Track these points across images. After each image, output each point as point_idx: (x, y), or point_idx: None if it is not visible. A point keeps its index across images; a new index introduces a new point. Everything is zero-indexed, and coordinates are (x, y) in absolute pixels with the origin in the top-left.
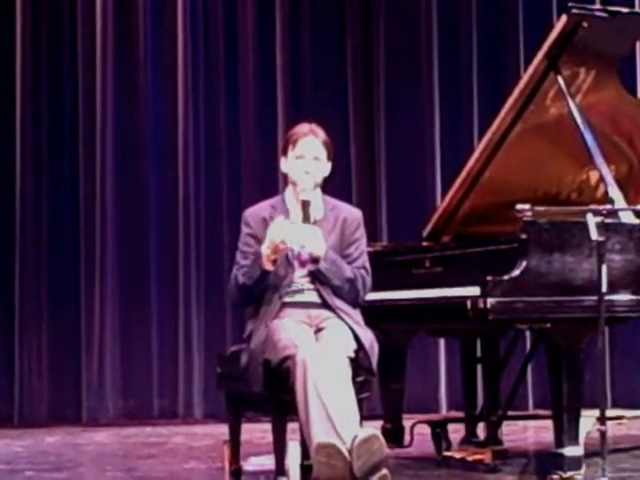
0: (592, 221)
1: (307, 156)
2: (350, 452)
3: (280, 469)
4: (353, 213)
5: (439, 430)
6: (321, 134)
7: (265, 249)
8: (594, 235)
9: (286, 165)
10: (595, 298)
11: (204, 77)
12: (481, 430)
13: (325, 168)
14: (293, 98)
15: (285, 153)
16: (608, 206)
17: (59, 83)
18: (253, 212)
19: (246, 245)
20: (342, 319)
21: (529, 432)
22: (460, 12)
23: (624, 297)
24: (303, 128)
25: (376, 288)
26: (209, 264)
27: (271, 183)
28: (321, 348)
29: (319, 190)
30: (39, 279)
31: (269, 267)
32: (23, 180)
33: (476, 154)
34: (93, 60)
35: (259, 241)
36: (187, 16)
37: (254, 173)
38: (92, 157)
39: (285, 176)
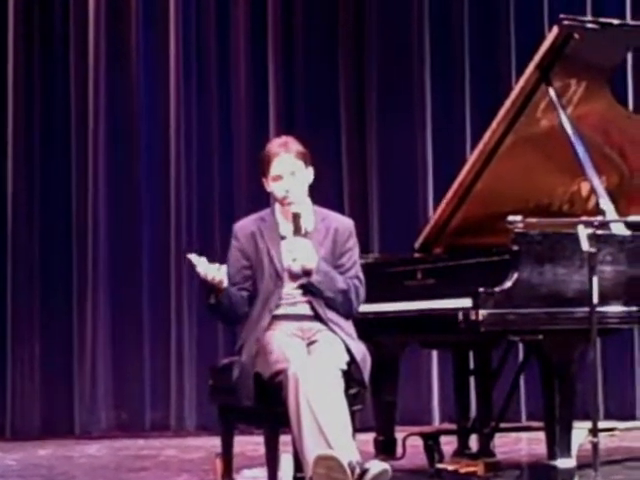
0: (583, 232)
1: (284, 174)
2: None
3: None
4: (344, 223)
5: (431, 442)
6: (293, 147)
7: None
8: (585, 246)
9: (268, 186)
10: (587, 309)
11: (197, 88)
12: (474, 442)
13: (306, 177)
14: (285, 110)
15: (264, 174)
16: (599, 217)
17: (52, 87)
18: (242, 226)
19: (233, 259)
20: (334, 332)
21: (522, 444)
22: (452, 23)
23: (616, 308)
24: (273, 147)
25: (368, 300)
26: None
27: (263, 195)
28: (313, 361)
29: (309, 201)
30: (31, 291)
31: (211, 300)
32: (15, 190)
33: (468, 165)
34: (85, 65)
35: (247, 256)
36: (179, 30)
37: (246, 185)
38: (84, 167)
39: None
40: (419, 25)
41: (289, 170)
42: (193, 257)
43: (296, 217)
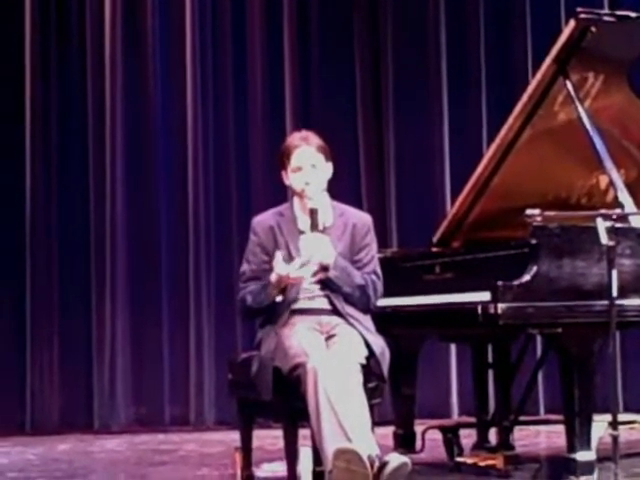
0: (602, 226)
1: (304, 166)
2: (377, 477)
3: (292, 475)
4: (362, 218)
5: (451, 435)
6: (313, 140)
7: (274, 278)
8: (604, 240)
9: (287, 178)
10: (606, 303)
11: (213, 87)
12: (493, 435)
13: (326, 172)
14: (302, 104)
15: (283, 167)
16: (618, 210)
17: (68, 91)
18: (261, 221)
19: (252, 254)
20: (352, 326)
21: (541, 437)
22: (468, 18)
23: (635, 302)
24: (294, 139)
25: (387, 294)
26: (219, 271)
27: (280, 190)
28: (332, 355)
29: (327, 196)
30: (50, 287)
31: (278, 298)
32: (33, 194)
33: (485, 159)
34: (102, 67)
35: (266, 250)
36: (195, 25)
37: (263, 181)
38: (102, 165)
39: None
40: (435, 18)
41: (310, 162)
42: (278, 257)
43: (313, 213)
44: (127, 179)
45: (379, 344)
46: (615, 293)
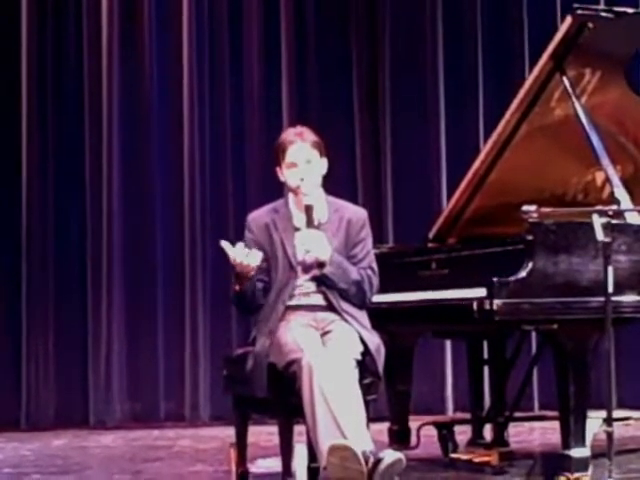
0: (598, 222)
1: (299, 162)
2: (371, 473)
3: (287, 471)
4: (358, 213)
5: (446, 432)
6: (308, 136)
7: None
8: (600, 236)
9: (282, 174)
10: (602, 299)
11: (209, 83)
12: (487, 431)
13: (321, 167)
14: (298, 100)
15: (278, 163)
16: (614, 207)
17: (64, 88)
18: (256, 217)
19: None
20: (348, 322)
21: (535, 433)
22: (465, 14)
23: (630, 298)
24: (289, 135)
25: (382, 290)
26: (215, 267)
27: (276, 187)
28: (327, 351)
29: (322, 192)
30: (46, 282)
31: (237, 287)
32: (29, 188)
33: (482, 156)
34: (99, 64)
35: (261, 247)
36: (192, 26)
37: (259, 177)
38: (99, 163)
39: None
40: (432, 16)
41: (304, 158)
42: (225, 244)
43: (309, 209)
44: (123, 178)
45: (374, 341)
46: (611, 289)
